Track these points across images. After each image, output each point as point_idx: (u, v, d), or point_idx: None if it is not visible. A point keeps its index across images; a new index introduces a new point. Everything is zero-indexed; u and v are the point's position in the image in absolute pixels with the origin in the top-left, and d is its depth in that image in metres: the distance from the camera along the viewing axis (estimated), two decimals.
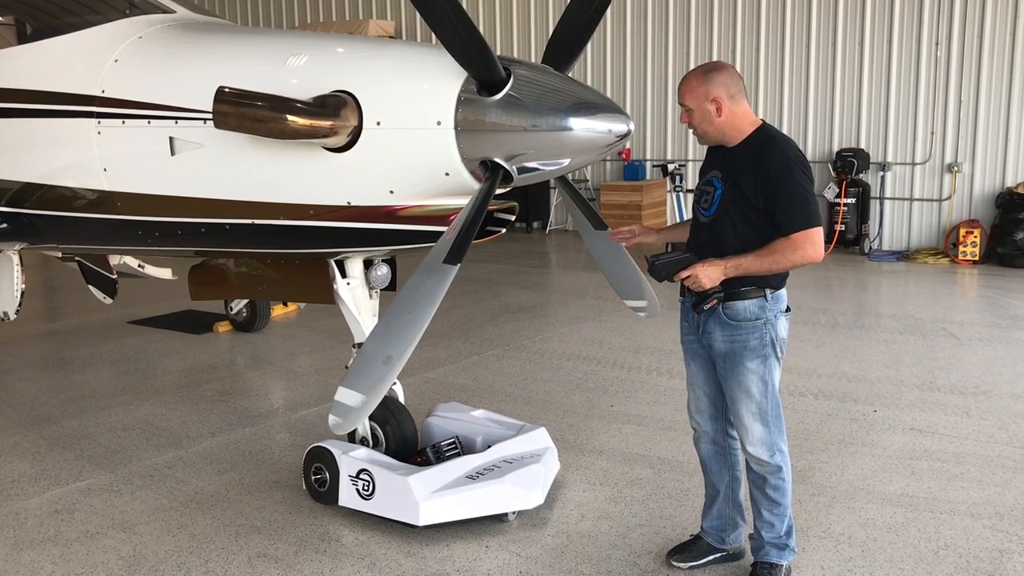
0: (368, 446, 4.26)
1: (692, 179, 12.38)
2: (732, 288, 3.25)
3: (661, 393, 5.80)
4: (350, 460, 4.07)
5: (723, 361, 3.33)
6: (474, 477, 4.01)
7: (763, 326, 3.26)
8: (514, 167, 3.34)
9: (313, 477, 4.22)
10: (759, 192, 3.16)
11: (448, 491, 3.91)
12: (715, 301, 3.27)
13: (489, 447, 4.26)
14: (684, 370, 3.58)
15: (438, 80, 3.34)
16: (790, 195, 3.13)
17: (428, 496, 3.86)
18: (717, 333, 3.31)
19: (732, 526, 3.61)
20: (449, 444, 4.34)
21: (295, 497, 4.29)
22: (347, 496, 4.08)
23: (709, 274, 3.18)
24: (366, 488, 4.00)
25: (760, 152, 3.20)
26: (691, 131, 3.33)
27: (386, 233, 3.70)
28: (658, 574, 3.57)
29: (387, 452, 4.25)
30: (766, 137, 3.25)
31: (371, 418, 4.23)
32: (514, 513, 4.02)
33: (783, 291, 3.33)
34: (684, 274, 3.21)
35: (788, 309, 3.36)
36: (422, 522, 3.83)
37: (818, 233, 3.16)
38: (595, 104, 3.33)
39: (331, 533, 3.97)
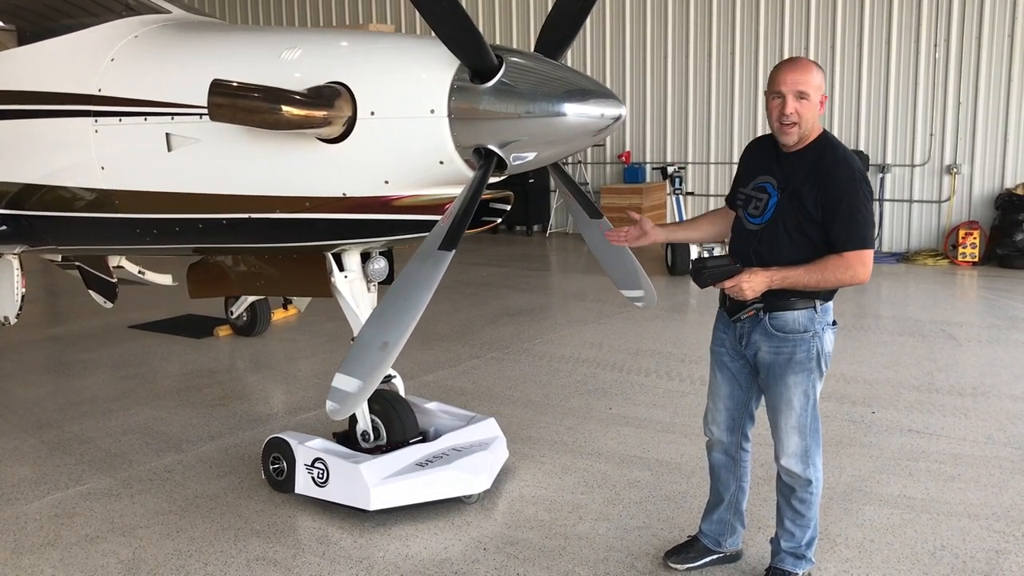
0: (369, 439, 4.36)
1: (691, 182, 12.39)
2: (780, 298, 3.15)
3: (660, 396, 5.80)
4: (306, 450, 4.23)
5: (767, 372, 3.25)
6: (423, 464, 4.17)
7: (811, 339, 3.16)
8: (508, 154, 3.34)
9: (271, 467, 4.37)
10: (819, 203, 3.06)
11: (398, 477, 4.07)
12: (753, 311, 3.19)
13: (439, 436, 4.41)
14: (683, 372, 3.57)
15: (431, 69, 3.34)
16: (850, 213, 3.03)
17: (379, 482, 4.01)
18: (763, 344, 3.22)
19: (731, 531, 3.60)
20: None
21: (294, 501, 4.30)
22: (303, 484, 4.23)
23: (754, 285, 3.09)
24: (321, 476, 4.15)
25: (824, 162, 3.08)
26: (785, 125, 3.07)
27: (382, 224, 3.71)
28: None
29: (388, 444, 4.35)
30: (829, 146, 3.13)
31: (372, 411, 4.34)
32: (474, 497, 4.17)
33: (831, 303, 3.23)
34: (728, 283, 3.12)
35: (835, 322, 3.27)
36: (373, 507, 3.99)
37: (870, 255, 3.09)
38: (587, 89, 3.33)
39: (330, 536, 3.98)
